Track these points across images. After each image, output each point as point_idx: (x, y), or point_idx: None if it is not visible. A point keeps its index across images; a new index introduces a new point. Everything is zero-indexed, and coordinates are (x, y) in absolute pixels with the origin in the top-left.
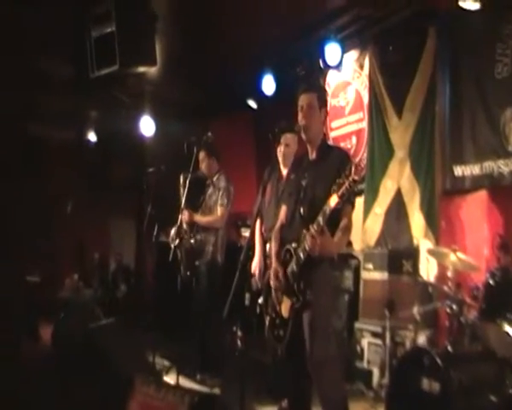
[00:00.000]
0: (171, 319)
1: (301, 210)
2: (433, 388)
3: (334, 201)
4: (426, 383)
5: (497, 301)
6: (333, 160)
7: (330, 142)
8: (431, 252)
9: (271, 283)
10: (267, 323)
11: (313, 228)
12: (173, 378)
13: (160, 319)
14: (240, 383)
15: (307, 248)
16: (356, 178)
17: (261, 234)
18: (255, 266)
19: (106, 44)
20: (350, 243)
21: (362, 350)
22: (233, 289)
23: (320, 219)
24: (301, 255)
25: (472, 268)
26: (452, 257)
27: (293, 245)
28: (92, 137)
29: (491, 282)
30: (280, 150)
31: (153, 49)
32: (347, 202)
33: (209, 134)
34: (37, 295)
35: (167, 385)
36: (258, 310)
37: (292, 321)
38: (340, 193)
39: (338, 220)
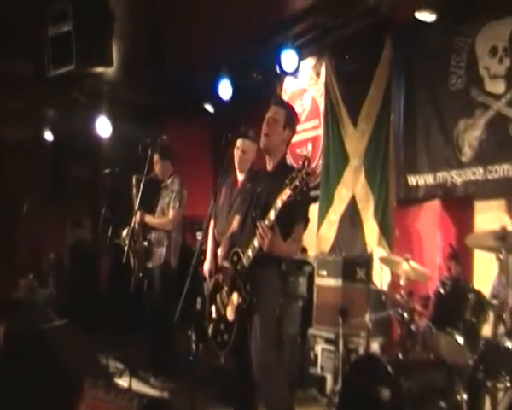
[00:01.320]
0: (125, 322)
1: (253, 214)
2: (383, 395)
3: (286, 194)
4: (377, 390)
5: (447, 310)
6: (289, 173)
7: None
8: (384, 260)
9: (219, 277)
10: (210, 329)
11: (264, 223)
12: (126, 381)
13: (113, 322)
14: (191, 387)
15: (256, 243)
16: (309, 170)
17: (213, 237)
18: (206, 269)
19: (63, 44)
20: (304, 250)
21: (315, 356)
22: (184, 292)
23: (272, 213)
24: (250, 254)
25: (424, 277)
26: (405, 266)
27: (243, 248)
28: (49, 136)
29: (441, 291)
30: (236, 155)
31: (110, 50)
32: (300, 217)
33: (164, 137)
34: None
35: (117, 388)
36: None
37: (237, 324)
38: (292, 186)
39: (290, 229)
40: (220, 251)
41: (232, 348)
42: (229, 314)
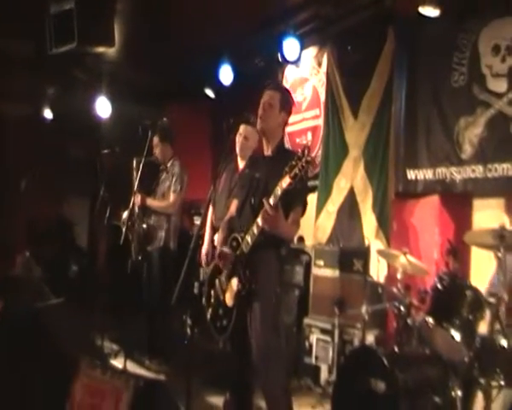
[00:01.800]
0: (122, 303)
1: (252, 200)
2: (378, 387)
3: (285, 182)
4: (372, 383)
5: (444, 305)
6: (288, 158)
7: (288, 144)
8: (381, 253)
9: (218, 264)
10: (209, 314)
11: (267, 203)
12: (121, 362)
13: (110, 302)
14: (187, 371)
15: (255, 230)
16: (309, 159)
17: (211, 223)
18: (203, 254)
19: (65, 21)
20: (302, 239)
21: (310, 346)
22: (182, 276)
23: (271, 200)
24: (249, 240)
25: (421, 271)
26: (402, 259)
27: (242, 234)
28: (48, 114)
29: (439, 286)
30: (238, 141)
31: (111, 30)
32: (299, 201)
33: (164, 119)
34: None
35: (113, 369)
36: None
37: (236, 310)
38: (292, 174)
39: (288, 214)
40: (218, 235)
41: (231, 333)
42: (228, 300)
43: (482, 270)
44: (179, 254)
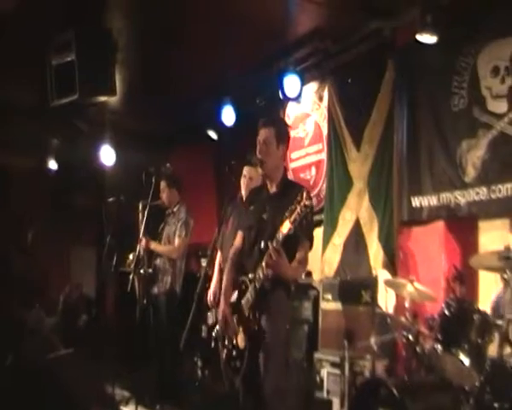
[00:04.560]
0: (131, 350)
1: (262, 244)
2: None
3: (286, 227)
4: None
5: (453, 332)
6: (292, 194)
7: (291, 176)
8: (388, 283)
9: (219, 324)
10: (224, 355)
11: (272, 245)
12: (133, 409)
13: (119, 350)
14: None
15: (261, 273)
16: (307, 203)
17: (219, 266)
18: (211, 296)
19: (66, 73)
20: (310, 274)
21: (321, 380)
22: (189, 320)
23: (274, 243)
24: (257, 284)
25: (429, 298)
26: (409, 288)
27: (250, 276)
28: (53, 165)
29: (446, 312)
30: (243, 183)
31: (113, 79)
32: (305, 236)
33: (167, 165)
34: None
35: None
36: (213, 342)
37: (248, 352)
38: (291, 219)
39: (294, 253)
40: (226, 267)
41: (244, 373)
42: (240, 342)
43: (491, 293)
44: (185, 297)
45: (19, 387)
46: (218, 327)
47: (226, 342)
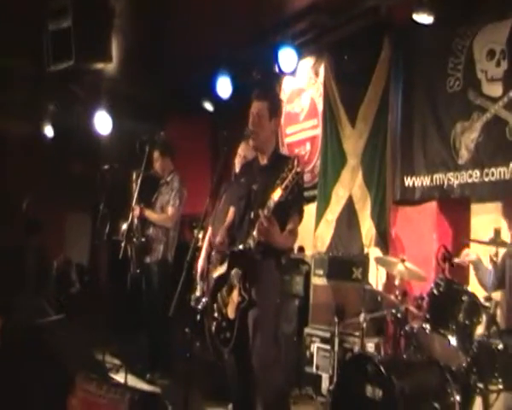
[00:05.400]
0: (122, 318)
1: (251, 214)
2: (376, 394)
3: (277, 194)
4: (369, 390)
5: (441, 311)
6: (283, 166)
7: (283, 150)
8: (379, 261)
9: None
10: (213, 326)
11: (263, 213)
12: (123, 377)
13: (111, 318)
14: (186, 384)
15: (252, 242)
16: (298, 170)
17: (209, 242)
18: (200, 267)
19: (63, 39)
20: (302, 249)
21: (311, 355)
22: (179, 288)
23: (265, 212)
24: (247, 253)
25: (419, 277)
26: (400, 266)
27: (241, 247)
28: (49, 131)
29: (435, 292)
30: (238, 162)
31: (109, 46)
32: (295, 207)
33: (161, 133)
34: None
35: (109, 382)
36: (201, 314)
37: (238, 322)
38: (283, 185)
39: (285, 223)
40: (217, 239)
41: (234, 344)
42: (230, 312)
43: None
44: (179, 267)
45: (6, 350)
46: (205, 299)
47: (216, 314)
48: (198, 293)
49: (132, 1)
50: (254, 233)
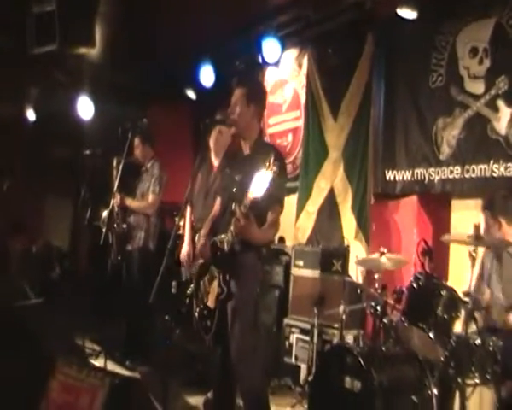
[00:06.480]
0: (103, 304)
1: (233, 206)
2: (354, 386)
3: (255, 190)
4: (348, 381)
5: (420, 305)
6: (264, 157)
7: (266, 139)
8: (360, 262)
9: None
10: (196, 313)
11: (240, 209)
12: (102, 363)
13: (91, 303)
14: (165, 370)
15: (232, 231)
16: (275, 168)
17: (191, 223)
18: (183, 254)
19: (46, 22)
20: (283, 240)
21: (290, 346)
22: (159, 275)
23: (242, 208)
24: (226, 246)
25: (402, 263)
26: (382, 259)
27: (222, 236)
28: (31, 115)
29: (414, 285)
30: (213, 137)
31: (93, 31)
32: (275, 199)
33: (144, 120)
34: None
35: (89, 367)
36: (187, 300)
37: (218, 312)
38: (263, 179)
39: (265, 215)
40: (202, 231)
41: (214, 333)
42: (211, 301)
43: (460, 270)
44: (159, 254)
45: None
46: (192, 286)
47: (198, 301)
48: (183, 278)
49: None
50: (232, 228)
